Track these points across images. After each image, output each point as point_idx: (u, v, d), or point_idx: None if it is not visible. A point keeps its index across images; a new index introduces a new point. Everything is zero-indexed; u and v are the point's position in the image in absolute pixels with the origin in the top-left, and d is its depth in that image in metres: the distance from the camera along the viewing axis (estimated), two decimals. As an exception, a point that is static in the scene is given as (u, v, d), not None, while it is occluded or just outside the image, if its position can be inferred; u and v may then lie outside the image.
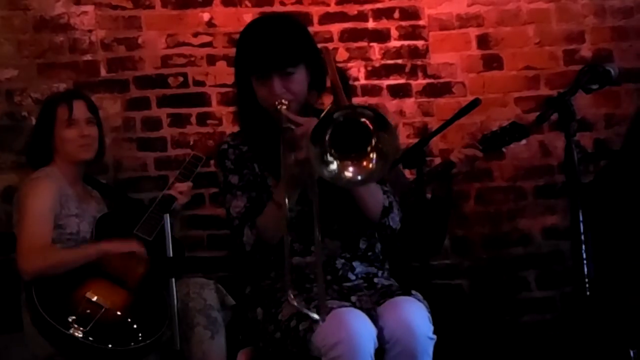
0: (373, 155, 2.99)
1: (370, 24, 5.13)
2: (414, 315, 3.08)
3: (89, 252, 3.88)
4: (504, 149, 4.31)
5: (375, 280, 3.34)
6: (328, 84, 3.43)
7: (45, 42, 4.92)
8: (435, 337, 3.11)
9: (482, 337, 4.80)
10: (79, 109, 4.09)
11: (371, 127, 2.96)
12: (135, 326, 3.75)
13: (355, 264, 3.33)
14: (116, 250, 3.89)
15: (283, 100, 3.20)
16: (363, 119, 2.96)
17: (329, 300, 3.12)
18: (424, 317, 3.11)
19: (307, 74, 3.30)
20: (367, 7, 5.12)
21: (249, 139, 3.39)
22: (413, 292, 3.24)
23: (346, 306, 3.08)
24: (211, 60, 5.03)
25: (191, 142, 4.38)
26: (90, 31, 4.96)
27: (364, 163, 2.98)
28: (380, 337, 3.06)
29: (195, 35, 5.03)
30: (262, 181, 3.30)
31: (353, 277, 3.31)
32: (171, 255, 3.65)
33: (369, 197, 3.30)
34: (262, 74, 3.25)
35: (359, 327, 3.00)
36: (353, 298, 3.20)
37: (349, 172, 2.98)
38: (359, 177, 2.99)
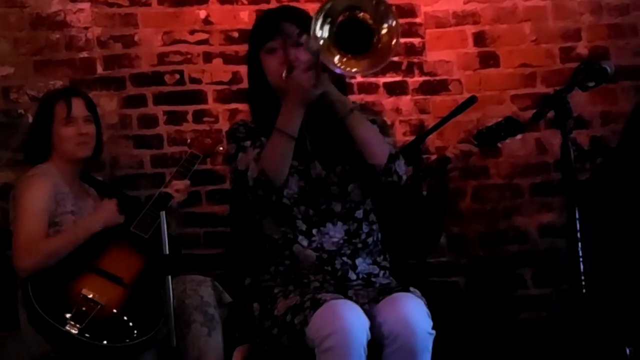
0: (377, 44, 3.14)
1: (367, 22, 5.12)
2: (413, 311, 3.08)
3: (77, 234, 3.89)
4: (499, 144, 4.31)
5: (373, 279, 3.34)
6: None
7: (42, 40, 4.92)
8: (434, 332, 3.11)
9: (479, 334, 4.81)
10: (78, 107, 4.09)
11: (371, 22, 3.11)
12: (131, 323, 3.74)
13: (358, 261, 3.34)
14: (100, 226, 3.91)
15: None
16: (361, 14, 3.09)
17: (323, 293, 3.15)
18: (423, 312, 3.12)
19: None
20: (364, 4, 5.12)
21: (258, 118, 3.42)
22: (411, 288, 3.25)
23: (340, 298, 3.09)
24: (207, 57, 5.03)
25: (188, 140, 4.37)
26: (86, 28, 4.96)
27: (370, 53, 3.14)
28: (379, 333, 3.07)
29: (192, 32, 5.03)
30: None
31: (354, 277, 3.32)
32: (167, 252, 3.65)
33: (373, 139, 3.32)
34: (272, 36, 3.34)
35: (352, 318, 3.01)
36: (350, 292, 3.22)
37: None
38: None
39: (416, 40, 5.16)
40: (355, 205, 3.39)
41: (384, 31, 3.15)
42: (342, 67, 3.11)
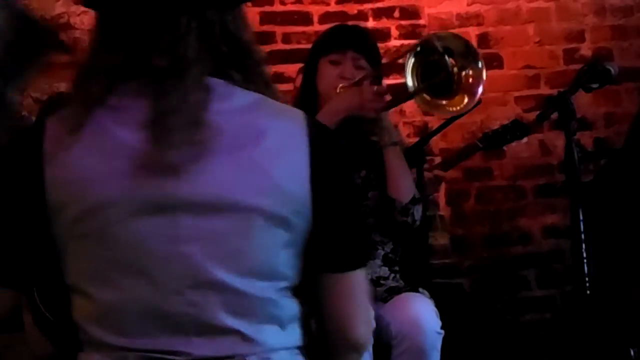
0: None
1: (370, 23, 5.12)
2: (422, 311, 3.09)
3: None
4: (504, 147, 4.32)
5: (382, 282, 3.34)
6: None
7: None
8: (443, 332, 3.11)
9: (483, 336, 4.81)
10: None
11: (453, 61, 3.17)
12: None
13: (370, 263, 3.34)
14: None
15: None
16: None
17: None
18: (432, 312, 3.13)
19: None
20: (367, 6, 5.12)
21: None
22: (420, 289, 3.25)
23: None
24: (212, 59, 5.02)
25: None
26: (90, 31, 4.95)
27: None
28: (387, 333, 3.08)
29: (196, 34, 5.03)
30: None
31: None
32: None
33: (404, 177, 3.36)
34: (339, 50, 3.41)
35: None
36: None
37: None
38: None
39: (420, 42, 5.16)
40: (369, 212, 3.39)
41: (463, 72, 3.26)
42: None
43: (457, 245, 5.12)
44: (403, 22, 5.15)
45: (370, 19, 5.12)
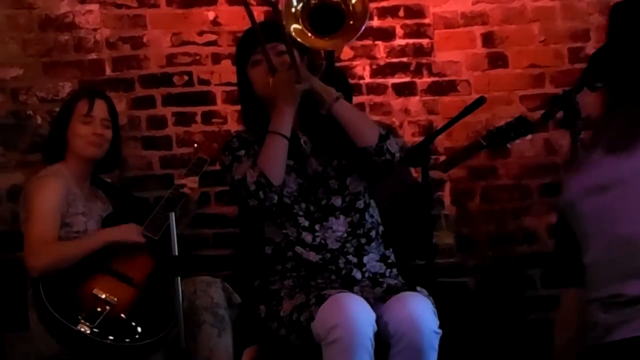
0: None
1: (375, 22, 5.13)
2: (420, 310, 3.09)
3: (91, 242, 3.89)
4: (509, 145, 4.31)
5: (381, 279, 3.35)
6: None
7: (51, 41, 4.93)
8: (440, 331, 3.11)
9: (488, 335, 4.80)
10: (99, 108, 4.08)
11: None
12: (142, 323, 3.75)
13: (366, 258, 3.35)
14: (117, 238, 3.90)
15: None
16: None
17: (328, 289, 3.16)
18: (430, 311, 3.12)
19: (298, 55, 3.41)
20: (372, 5, 5.11)
21: (252, 130, 3.51)
22: (418, 288, 3.25)
23: (345, 292, 3.10)
24: (216, 59, 5.03)
25: (195, 145, 4.37)
26: (95, 30, 4.97)
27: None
28: (385, 332, 3.07)
29: (200, 33, 5.04)
30: None
31: (359, 276, 3.32)
32: (177, 254, 3.65)
33: (361, 122, 3.41)
34: (253, 51, 3.44)
35: (357, 310, 3.02)
36: (355, 289, 3.23)
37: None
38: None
39: (425, 41, 5.16)
40: (355, 197, 3.42)
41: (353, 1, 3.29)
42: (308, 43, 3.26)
43: (462, 245, 5.12)
44: (408, 21, 5.15)
45: (375, 17, 5.12)
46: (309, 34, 3.31)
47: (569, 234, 2.32)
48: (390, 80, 5.13)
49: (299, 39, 3.30)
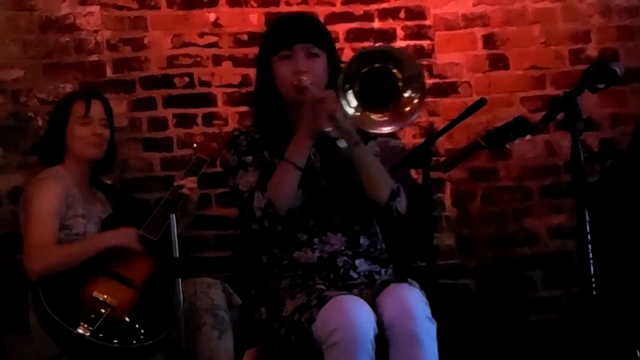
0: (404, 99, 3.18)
1: (376, 24, 5.13)
2: (409, 297, 3.10)
3: (91, 247, 3.88)
4: (508, 145, 4.31)
5: (377, 277, 3.35)
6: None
7: (51, 43, 4.93)
8: (435, 322, 3.11)
9: (489, 336, 4.81)
10: (96, 109, 4.09)
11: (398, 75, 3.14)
12: (142, 325, 3.75)
13: (358, 261, 3.35)
14: (116, 243, 3.89)
15: (305, 78, 3.28)
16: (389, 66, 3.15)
17: (328, 291, 3.15)
18: (420, 298, 3.12)
19: (328, 66, 3.35)
20: (373, 7, 5.13)
21: (262, 127, 3.43)
22: (409, 280, 3.26)
23: (346, 294, 3.10)
24: (217, 60, 5.03)
25: (194, 145, 4.36)
26: (96, 31, 4.97)
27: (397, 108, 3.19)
28: (381, 324, 3.07)
29: (201, 35, 5.04)
30: (272, 167, 3.32)
31: (355, 276, 3.33)
32: (177, 255, 3.65)
33: (377, 175, 3.34)
34: (287, 46, 3.33)
35: (358, 312, 3.01)
36: (354, 291, 3.23)
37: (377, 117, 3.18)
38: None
39: (425, 43, 5.16)
40: (354, 220, 3.40)
41: (407, 93, 3.20)
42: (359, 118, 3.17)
43: (463, 246, 5.12)
44: (409, 23, 5.15)
45: (376, 19, 5.13)
46: (358, 112, 3.24)
47: None
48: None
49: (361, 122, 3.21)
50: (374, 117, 3.19)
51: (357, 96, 3.15)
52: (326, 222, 3.36)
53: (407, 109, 3.18)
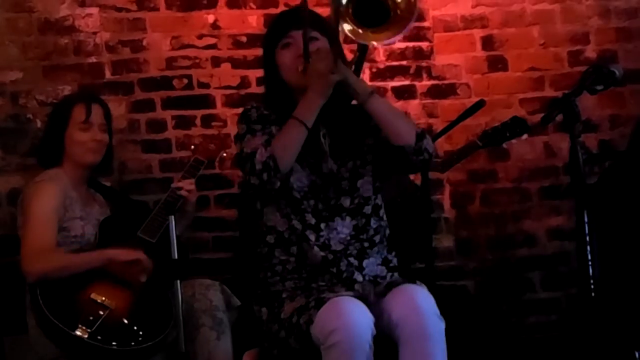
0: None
1: (375, 26, 5.13)
2: (420, 296, 3.11)
3: (93, 259, 3.87)
4: (505, 145, 4.32)
5: (380, 281, 3.35)
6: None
7: (50, 45, 4.92)
8: (444, 320, 3.12)
9: (488, 338, 4.81)
10: (96, 113, 4.08)
11: None
12: (140, 327, 3.74)
13: (366, 262, 3.35)
14: (120, 259, 3.87)
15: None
16: None
17: (327, 292, 3.16)
18: (430, 299, 3.14)
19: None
20: (372, 8, 5.13)
21: (274, 111, 3.45)
22: (418, 282, 3.27)
23: (344, 295, 3.10)
24: (216, 62, 5.03)
25: (192, 146, 4.36)
26: (94, 33, 4.96)
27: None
28: (390, 324, 3.08)
29: (200, 37, 5.03)
30: None
31: (360, 278, 3.32)
32: (176, 257, 3.65)
33: (398, 119, 3.35)
34: (285, 34, 3.40)
35: (356, 314, 3.02)
36: (356, 286, 3.23)
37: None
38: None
39: (424, 44, 5.16)
40: (364, 201, 3.41)
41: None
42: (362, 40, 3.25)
43: (462, 248, 5.12)
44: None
45: (375, 21, 5.12)
46: (360, 31, 3.31)
47: None
48: (390, 84, 5.13)
49: (354, 38, 3.32)
50: (374, 34, 3.29)
51: (353, 19, 3.26)
52: (335, 207, 3.37)
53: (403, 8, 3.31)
